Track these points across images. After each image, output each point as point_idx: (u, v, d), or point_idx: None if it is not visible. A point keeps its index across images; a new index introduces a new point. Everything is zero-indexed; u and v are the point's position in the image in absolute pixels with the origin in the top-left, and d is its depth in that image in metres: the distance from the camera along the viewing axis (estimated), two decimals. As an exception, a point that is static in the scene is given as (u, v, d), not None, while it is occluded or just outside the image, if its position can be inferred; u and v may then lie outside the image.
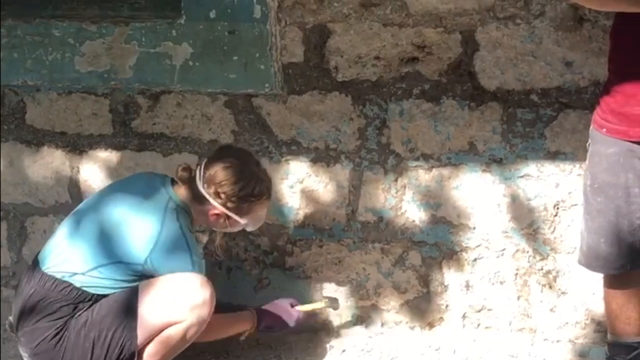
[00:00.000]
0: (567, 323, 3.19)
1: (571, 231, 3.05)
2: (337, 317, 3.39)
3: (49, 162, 3.50)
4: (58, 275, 2.79)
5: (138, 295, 2.77)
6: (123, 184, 3.06)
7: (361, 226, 3.27)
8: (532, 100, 2.98)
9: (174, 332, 2.79)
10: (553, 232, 3.10)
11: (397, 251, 3.27)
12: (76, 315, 2.78)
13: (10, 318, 2.91)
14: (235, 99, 3.25)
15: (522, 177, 3.07)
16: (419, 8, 2.96)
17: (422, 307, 3.31)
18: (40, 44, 3.34)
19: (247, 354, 3.30)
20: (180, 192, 2.92)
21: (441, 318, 3.30)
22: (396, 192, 3.20)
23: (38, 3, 3.37)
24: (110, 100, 3.39)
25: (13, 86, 3.46)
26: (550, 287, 3.17)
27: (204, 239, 3.39)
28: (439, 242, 3.21)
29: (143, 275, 2.82)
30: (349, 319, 3.39)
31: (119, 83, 3.32)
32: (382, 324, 3.37)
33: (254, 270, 3.44)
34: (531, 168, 3.05)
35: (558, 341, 3.20)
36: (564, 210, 3.06)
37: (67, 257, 2.82)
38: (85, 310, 2.78)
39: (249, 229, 3.06)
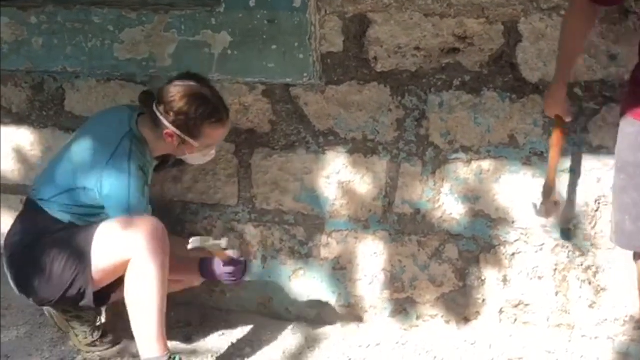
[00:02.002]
0: (606, 320, 3.14)
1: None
2: (372, 309, 3.37)
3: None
4: (36, 200, 3.05)
5: (94, 232, 2.91)
6: (97, 117, 3.23)
7: (398, 218, 3.25)
8: (575, 93, 2.93)
9: (132, 276, 2.87)
10: (594, 227, 3.05)
11: (433, 244, 3.24)
12: (46, 234, 2.97)
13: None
14: (273, 89, 3.24)
15: (563, 171, 3.02)
16: (461, -2, 2.94)
17: (459, 301, 3.28)
18: (80, 31, 3.35)
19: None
20: (144, 122, 3.05)
21: (477, 312, 3.27)
22: (434, 185, 3.17)
23: (78, -10, 3.39)
24: (149, 88, 3.38)
25: (52, 72, 3.48)
26: (590, 283, 3.13)
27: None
28: (476, 236, 3.18)
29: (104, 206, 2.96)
30: (384, 311, 3.37)
31: (157, 71, 3.33)
32: (418, 317, 3.35)
33: (289, 261, 3.43)
34: (573, 162, 3.00)
35: (596, 338, 3.16)
36: (605, 205, 3.01)
37: (40, 184, 3.09)
38: (54, 233, 2.97)
39: (204, 159, 3.14)
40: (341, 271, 3.37)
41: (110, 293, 3.02)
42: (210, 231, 3.48)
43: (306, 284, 3.44)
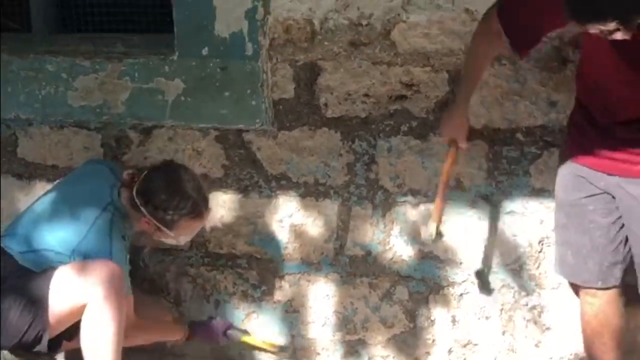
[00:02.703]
0: (551, 358, 3.22)
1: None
2: (324, 351, 3.41)
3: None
4: (6, 248, 2.95)
5: (51, 277, 2.85)
6: (78, 177, 3.20)
7: (349, 260, 3.31)
8: (517, 138, 3.04)
9: (88, 321, 2.81)
10: (538, 267, 3.15)
11: (384, 285, 3.30)
12: (7, 281, 2.89)
13: None
14: (226, 134, 3.30)
15: (507, 213, 3.12)
16: (407, 47, 3.03)
17: (409, 341, 3.34)
18: (34, 79, 3.38)
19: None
20: (125, 195, 3.03)
21: (427, 353, 3.33)
22: (384, 227, 3.24)
23: (33, 39, 3.42)
24: (102, 135, 3.42)
25: (6, 120, 3.49)
26: (535, 323, 3.21)
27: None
28: (425, 277, 3.25)
29: None
30: (336, 353, 3.41)
31: (111, 118, 3.36)
32: (369, 359, 3.39)
33: (242, 304, 3.46)
34: (516, 205, 3.10)
35: (543, 376, 3.24)
36: (548, 246, 3.11)
37: (12, 234, 3.00)
38: (14, 279, 2.89)
39: (179, 243, 3.15)
40: (294, 314, 3.41)
41: (64, 340, 3.00)
42: (163, 276, 3.50)
43: (259, 327, 3.46)
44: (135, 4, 3.43)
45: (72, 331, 2.94)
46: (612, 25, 2.11)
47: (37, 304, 2.86)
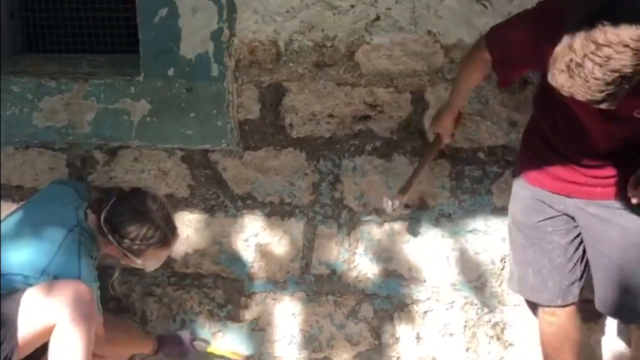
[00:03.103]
0: (514, 374, 3.28)
1: (517, 284, 3.16)
2: (290, 369, 3.44)
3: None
4: None
5: (20, 299, 2.80)
6: (41, 198, 3.18)
7: (315, 279, 3.33)
8: (479, 157, 3.10)
9: (56, 342, 2.77)
10: (500, 285, 3.20)
11: (349, 304, 3.33)
12: None
13: None
14: (192, 154, 3.32)
15: (470, 231, 3.17)
16: (370, 69, 3.08)
17: (374, 358, 3.37)
18: (-2, 99, 3.38)
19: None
20: (92, 219, 3.02)
21: (393, 370, 3.37)
22: (349, 246, 3.27)
23: (-3, 59, 3.42)
24: (67, 155, 3.42)
25: (-30, 140, 3.48)
26: (498, 339, 3.26)
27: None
28: (390, 295, 3.29)
29: None
30: (303, 371, 3.44)
31: (76, 138, 3.37)
32: (335, 376, 3.42)
33: (208, 323, 3.47)
34: (479, 223, 3.16)
35: (506, 392, 3.29)
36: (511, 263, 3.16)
37: None
38: None
39: (147, 270, 3.15)
40: (260, 332, 3.43)
41: None
42: (129, 295, 3.50)
43: (225, 346, 3.48)
44: (100, 25, 3.43)
45: (41, 352, 2.92)
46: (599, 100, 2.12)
47: (5, 326, 2.83)
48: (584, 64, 2.03)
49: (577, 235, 2.74)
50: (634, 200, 2.43)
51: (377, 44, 3.04)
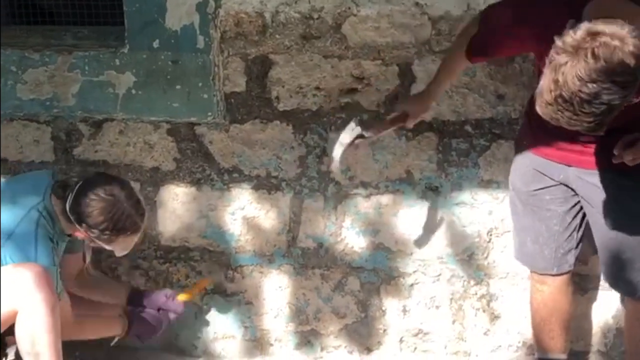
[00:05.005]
0: (500, 346, 3.30)
1: (504, 257, 3.17)
2: (277, 342, 3.44)
3: (-11, 189, 3.49)
4: None
5: None
6: (14, 180, 3.17)
7: (301, 252, 3.34)
8: (467, 130, 3.09)
9: (22, 330, 2.73)
10: (487, 257, 3.21)
11: (336, 277, 3.33)
12: None
13: None
14: (178, 127, 3.30)
15: (457, 204, 3.17)
16: (357, 41, 3.06)
17: (361, 331, 3.38)
18: (-19, 72, 3.35)
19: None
20: (56, 205, 2.92)
21: (379, 342, 3.38)
22: (336, 219, 3.27)
23: (-20, 31, 3.38)
24: (52, 128, 3.39)
25: (-47, 113, 3.45)
26: (484, 311, 3.28)
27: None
28: (377, 268, 3.29)
29: None
30: (290, 343, 3.44)
31: (61, 111, 3.34)
32: (322, 349, 3.43)
33: (195, 297, 3.46)
34: (465, 196, 3.16)
35: (492, 364, 3.31)
36: (497, 237, 3.18)
37: None
38: None
39: (117, 255, 3.04)
40: (247, 305, 3.43)
41: (7, 337, 2.92)
42: (115, 269, 3.49)
43: (212, 320, 3.48)
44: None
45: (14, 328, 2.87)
46: None
47: None
48: (572, 101, 2.04)
49: (575, 205, 2.75)
50: (614, 160, 2.43)
51: (364, 15, 3.02)
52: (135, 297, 3.34)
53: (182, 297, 3.33)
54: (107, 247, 2.95)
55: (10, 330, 2.84)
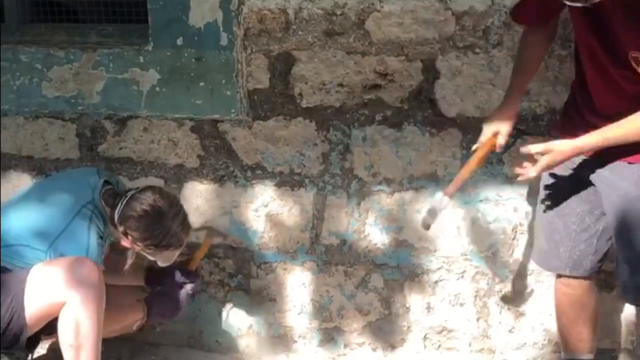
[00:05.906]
0: (525, 344, 3.27)
1: (528, 254, 3.14)
2: (301, 339, 3.44)
3: (15, 186, 3.51)
4: None
5: (27, 275, 2.80)
6: (61, 175, 3.24)
7: (325, 249, 3.33)
8: (491, 126, 3.07)
9: (66, 323, 2.77)
10: (511, 254, 3.18)
11: (359, 274, 3.33)
12: None
13: None
14: (201, 124, 3.31)
15: (481, 201, 3.15)
16: (381, 37, 3.05)
17: (384, 328, 3.37)
18: (7, 69, 3.37)
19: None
20: (106, 211, 2.99)
21: (403, 339, 3.37)
22: (359, 216, 3.26)
23: (6, 29, 3.41)
24: (77, 125, 3.42)
25: (-20, 111, 3.48)
26: (509, 309, 3.25)
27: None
28: (400, 265, 3.28)
29: None
30: (313, 340, 3.44)
31: (86, 108, 3.37)
32: (345, 346, 3.42)
33: (219, 293, 3.47)
34: (490, 192, 3.14)
35: (516, 361, 3.28)
36: (522, 233, 3.15)
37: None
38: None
39: (159, 264, 3.07)
40: (270, 302, 3.43)
41: (42, 335, 2.97)
42: (140, 266, 3.50)
43: (236, 316, 3.48)
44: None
45: (51, 326, 2.90)
46: None
47: (14, 303, 2.80)
48: None
49: (598, 208, 2.71)
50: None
51: (387, 11, 3.01)
52: (151, 277, 3.33)
53: (191, 266, 3.30)
54: (151, 258, 3.01)
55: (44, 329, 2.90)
